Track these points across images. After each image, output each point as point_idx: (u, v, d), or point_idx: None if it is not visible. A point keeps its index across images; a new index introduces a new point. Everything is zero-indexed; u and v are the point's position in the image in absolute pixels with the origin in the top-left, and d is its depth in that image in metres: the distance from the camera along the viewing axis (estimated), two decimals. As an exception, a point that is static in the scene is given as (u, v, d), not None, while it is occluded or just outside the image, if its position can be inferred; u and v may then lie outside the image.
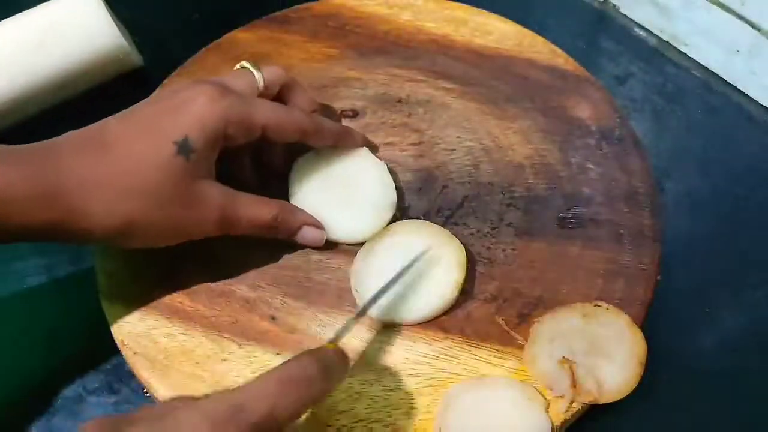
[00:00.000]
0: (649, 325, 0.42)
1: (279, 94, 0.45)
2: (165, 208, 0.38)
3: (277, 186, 0.46)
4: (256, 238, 0.43)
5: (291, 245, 0.44)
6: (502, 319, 0.42)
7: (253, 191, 0.42)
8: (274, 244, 0.44)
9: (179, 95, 0.39)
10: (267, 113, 0.41)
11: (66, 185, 0.36)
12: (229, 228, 0.41)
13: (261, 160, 0.46)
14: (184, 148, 0.37)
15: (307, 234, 0.43)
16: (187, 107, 0.38)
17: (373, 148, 0.48)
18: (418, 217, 0.46)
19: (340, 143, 0.46)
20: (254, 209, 0.41)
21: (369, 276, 0.43)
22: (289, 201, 0.45)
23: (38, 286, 0.49)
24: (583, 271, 0.44)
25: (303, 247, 0.45)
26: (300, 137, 0.43)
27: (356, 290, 0.43)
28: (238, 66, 0.44)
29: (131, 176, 0.37)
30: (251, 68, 0.43)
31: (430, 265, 0.42)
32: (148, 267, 0.44)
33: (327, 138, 0.44)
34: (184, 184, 0.38)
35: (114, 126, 0.38)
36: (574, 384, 0.38)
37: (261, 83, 0.43)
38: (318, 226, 0.44)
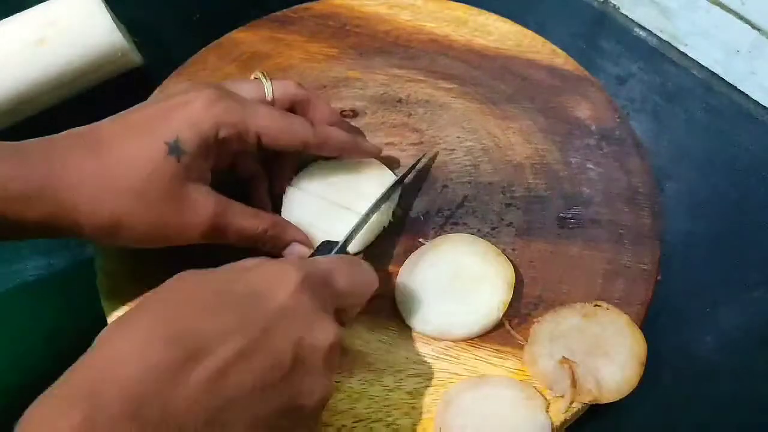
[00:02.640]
0: (649, 325, 0.42)
1: (295, 108, 0.44)
2: (152, 209, 0.37)
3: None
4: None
5: None
6: (506, 319, 0.42)
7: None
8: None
9: (176, 98, 0.38)
10: (264, 120, 0.40)
11: (59, 183, 0.36)
12: (216, 236, 0.40)
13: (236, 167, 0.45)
14: (175, 148, 0.37)
15: (295, 250, 0.43)
16: (181, 109, 0.38)
17: (389, 160, 0.48)
18: (418, 217, 0.46)
19: (346, 155, 0.45)
20: (246, 220, 0.40)
21: (413, 289, 0.43)
22: (288, 203, 0.45)
23: (39, 286, 0.49)
24: (583, 271, 0.44)
25: None
26: (302, 147, 0.42)
27: (400, 302, 0.43)
28: (252, 77, 0.43)
29: (121, 175, 0.37)
30: (262, 78, 0.42)
31: (476, 281, 0.42)
32: (148, 267, 0.44)
33: (332, 150, 0.43)
34: (174, 186, 0.37)
35: (108, 126, 0.38)
36: (574, 384, 0.38)
37: (269, 94, 0.42)
38: (306, 244, 0.43)
